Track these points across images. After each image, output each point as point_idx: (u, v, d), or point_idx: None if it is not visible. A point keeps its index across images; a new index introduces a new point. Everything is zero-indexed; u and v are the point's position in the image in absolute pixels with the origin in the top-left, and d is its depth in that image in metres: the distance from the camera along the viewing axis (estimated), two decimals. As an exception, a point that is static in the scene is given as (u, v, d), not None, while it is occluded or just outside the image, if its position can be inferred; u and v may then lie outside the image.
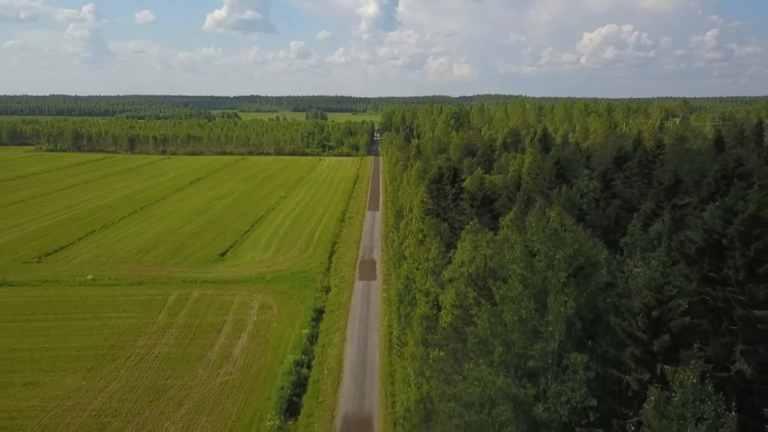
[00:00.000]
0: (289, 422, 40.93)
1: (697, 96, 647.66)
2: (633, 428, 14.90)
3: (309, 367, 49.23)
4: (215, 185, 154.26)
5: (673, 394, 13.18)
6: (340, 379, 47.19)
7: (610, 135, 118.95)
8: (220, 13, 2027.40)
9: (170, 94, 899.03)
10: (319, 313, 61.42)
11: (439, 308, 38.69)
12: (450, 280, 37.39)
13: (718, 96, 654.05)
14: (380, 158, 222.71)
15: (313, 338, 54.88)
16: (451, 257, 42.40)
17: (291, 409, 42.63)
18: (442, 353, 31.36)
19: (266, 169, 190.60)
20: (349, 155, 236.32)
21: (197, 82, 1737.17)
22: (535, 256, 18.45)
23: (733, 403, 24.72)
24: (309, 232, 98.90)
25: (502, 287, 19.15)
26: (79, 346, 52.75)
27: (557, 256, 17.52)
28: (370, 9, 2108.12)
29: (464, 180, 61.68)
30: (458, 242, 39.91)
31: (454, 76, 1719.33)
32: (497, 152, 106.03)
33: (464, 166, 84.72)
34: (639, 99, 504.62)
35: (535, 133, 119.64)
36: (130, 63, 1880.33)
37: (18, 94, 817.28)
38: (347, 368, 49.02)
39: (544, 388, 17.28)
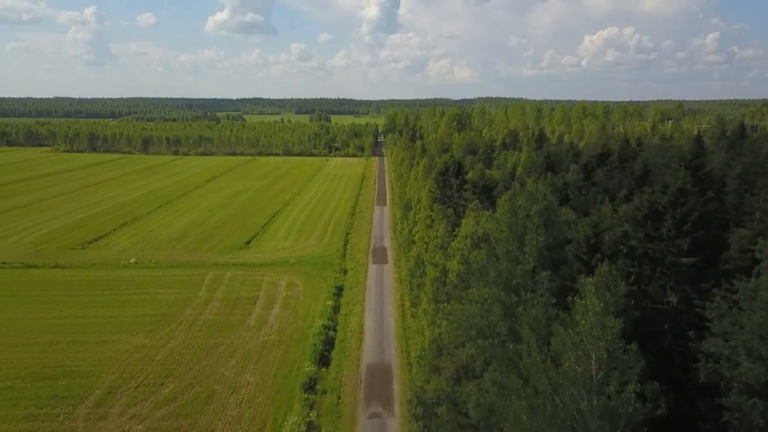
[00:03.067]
0: (323, 370, 49.49)
1: (700, 99, 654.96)
2: (571, 299, 23.33)
3: (335, 330, 57.79)
4: (230, 183, 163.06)
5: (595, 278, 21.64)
6: (362, 339, 55.79)
7: (602, 135, 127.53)
8: (221, 16, 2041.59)
9: (172, 96, 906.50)
10: (340, 290, 69.96)
11: (446, 274, 47.21)
12: (456, 251, 45.89)
13: (719, 99, 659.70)
14: (384, 159, 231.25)
15: (336, 309, 63.44)
16: (456, 234, 50.91)
17: (323, 360, 51.19)
18: (449, 305, 39.96)
19: (277, 169, 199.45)
20: (354, 156, 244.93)
21: (199, 84, 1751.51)
22: (517, 211, 26.92)
23: (666, 326, 33.35)
24: (324, 224, 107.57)
25: (495, 231, 27.69)
26: (135, 314, 61.37)
27: (532, 209, 25.97)
28: (371, 11, 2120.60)
29: (467, 173, 70.10)
30: (463, 220, 48.47)
31: (456, 78, 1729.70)
32: (497, 151, 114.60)
33: (466, 163, 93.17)
34: (641, 102, 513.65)
35: (533, 134, 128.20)
36: (132, 65, 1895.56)
37: (21, 96, 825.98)
38: (367, 331, 57.63)
39: (523, 297, 25.72)
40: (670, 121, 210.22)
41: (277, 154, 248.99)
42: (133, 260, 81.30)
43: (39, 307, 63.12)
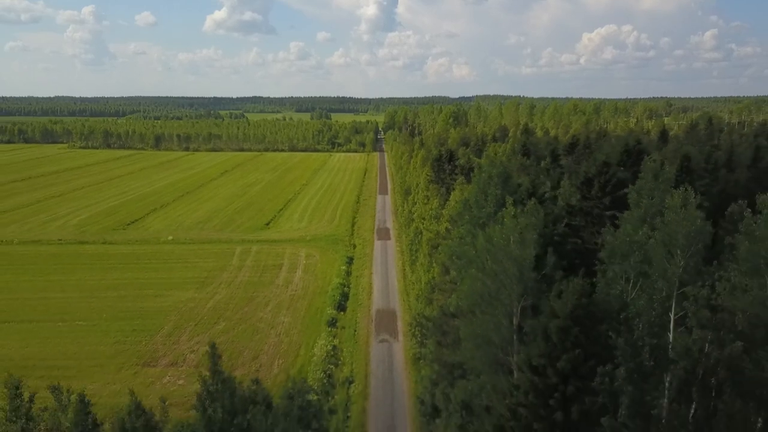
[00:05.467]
0: (341, 313, 62.11)
1: (699, 96, 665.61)
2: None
3: (348, 287, 70.40)
4: (243, 176, 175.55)
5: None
6: (371, 293, 68.43)
7: (584, 130, 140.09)
8: (220, 15, 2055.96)
9: (171, 95, 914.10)
10: (350, 259, 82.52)
11: (438, 235, 59.70)
12: (446, 216, 58.42)
13: (719, 96, 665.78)
14: (385, 154, 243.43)
15: (348, 273, 76.04)
16: (447, 206, 63.43)
17: (340, 307, 63.76)
18: (441, 255, 52.47)
19: (284, 163, 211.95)
20: (356, 151, 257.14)
21: (198, 83, 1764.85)
22: (483, 174, 39.43)
23: (596, 261, 45.91)
24: (332, 210, 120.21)
25: (468, 189, 40.14)
26: (182, 277, 73.90)
27: (493, 171, 38.46)
28: (370, 10, 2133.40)
29: (458, 160, 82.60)
30: (452, 193, 61.03)
31: (454, 77, 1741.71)
32: (488, 144, 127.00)
33: (459, 153, 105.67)
34: (640, 99, 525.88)
35: (522, 128, 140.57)
36: (131, 64, 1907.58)
37: (23, 96, 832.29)
38: (375, 287, 70.29)
39: (487, 230, 38.25)
40: (654, 118, 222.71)
41: (282, 150, 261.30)
42: (170, 237, 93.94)
43: (100, 272, 75.69)
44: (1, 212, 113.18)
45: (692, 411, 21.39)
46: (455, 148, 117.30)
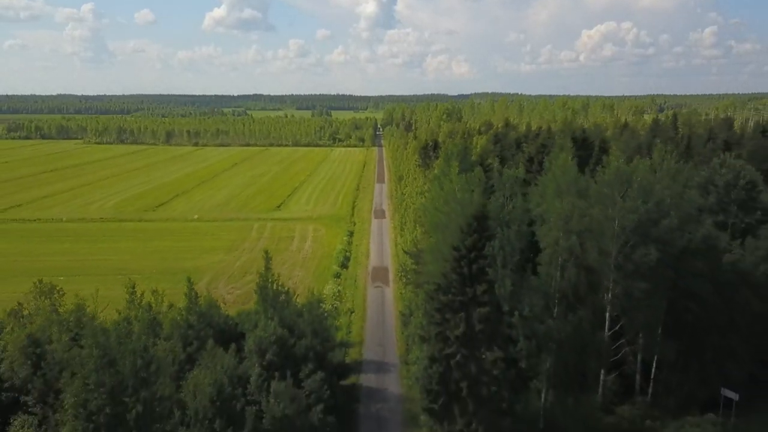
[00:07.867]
0: (344, 269, 77.12)
1: (699, 93, 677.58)
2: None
3: (350, 252, 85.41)
4: (252, 167, 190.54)
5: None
6: (369, 256, 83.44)
7: (562, 125, 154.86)
8: (219, 12, 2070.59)
9: (170, 93, 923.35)
10: (351, 233, 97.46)
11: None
12: (427, 189, 73.29)
13: (718, 93, 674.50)
14: (383, 149, 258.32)
15: (350, 242, 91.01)
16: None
17: (343, 265, 78.73)
18: (419, 215, 67.43)
19: (289, 157, 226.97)
20: (356, 146, 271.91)
21: (197, 81, 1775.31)
22: (447, 151, 54.24)
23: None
24: (335, 195, 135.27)
25: (443, 163, 55.15)
26: (210, 246, 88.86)
27: (454, 149, 53.21)
28: (369, 7, 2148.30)
29: (441, 149, 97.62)
30: (432, 173, 75.96)
31: (454, 74, 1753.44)
32: (474, 136, 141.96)
33: (446, 144, 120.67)
34: (638, 96, 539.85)
35: (505, 123, 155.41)
36: (130, 62, 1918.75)
37: (23, 94, 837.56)
38: (372, 252, 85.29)
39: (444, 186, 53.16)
40: (637, 115, 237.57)
41: (286, 145, 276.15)
42: (195, 217, 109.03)
43: (142, 242, 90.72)
44: (43, 197, 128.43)
45: (557, 280, 36.39)
46: (443, 140, 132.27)
